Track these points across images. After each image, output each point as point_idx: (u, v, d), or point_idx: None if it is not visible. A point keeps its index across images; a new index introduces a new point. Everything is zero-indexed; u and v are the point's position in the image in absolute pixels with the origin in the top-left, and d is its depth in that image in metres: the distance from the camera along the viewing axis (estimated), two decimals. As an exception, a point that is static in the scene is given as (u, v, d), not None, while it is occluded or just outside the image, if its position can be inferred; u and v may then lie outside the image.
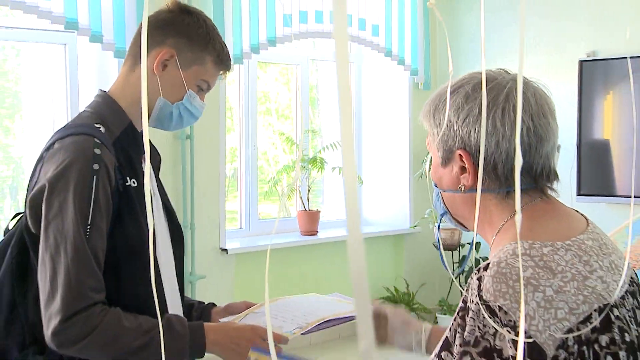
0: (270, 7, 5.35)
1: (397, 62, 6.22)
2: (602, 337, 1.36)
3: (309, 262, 5.82)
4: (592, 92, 5.66)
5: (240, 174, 5.82)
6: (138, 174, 1.97)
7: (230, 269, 5.36)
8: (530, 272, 1.35)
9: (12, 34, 4.65)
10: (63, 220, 1.81)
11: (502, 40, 6.11)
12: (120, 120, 1.99)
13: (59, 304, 1.78)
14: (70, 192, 1.82)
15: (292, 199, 6.21)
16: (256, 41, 5.29)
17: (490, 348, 1.33)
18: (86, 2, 4.43)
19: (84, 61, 4.78)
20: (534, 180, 1.50)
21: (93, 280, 1.81)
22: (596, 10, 5.69)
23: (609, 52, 5.62)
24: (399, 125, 6.49)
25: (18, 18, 4.51)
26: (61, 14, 4.31)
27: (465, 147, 1.51)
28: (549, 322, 1.31)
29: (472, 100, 1.50)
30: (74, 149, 1.85)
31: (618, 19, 5.58)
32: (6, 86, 4.89)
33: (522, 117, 1.47)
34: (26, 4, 4.17)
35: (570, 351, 1.32)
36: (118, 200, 1.89)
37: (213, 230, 5.27)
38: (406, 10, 6.25)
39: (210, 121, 5.14)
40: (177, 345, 1.87)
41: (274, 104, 6.36)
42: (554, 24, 5.88)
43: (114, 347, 1.82)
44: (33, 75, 4.87)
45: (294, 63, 6.13)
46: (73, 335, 1.79)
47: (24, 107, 4.90)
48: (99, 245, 1.84)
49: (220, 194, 5.30)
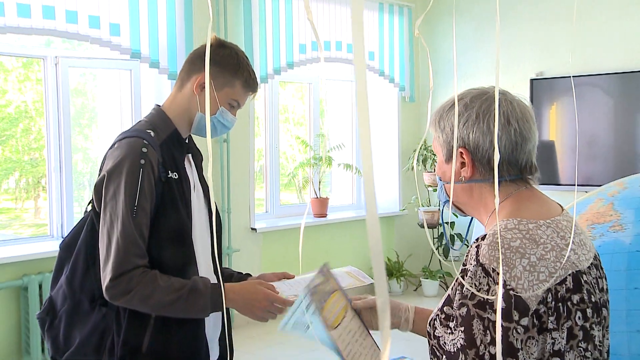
0: (289, 38, 5.53)
1: (388, 80, 6.37)
2: (574, 296, 1.35)
3: (320, 239, 5.95)
4: (541, 103, 5.80)
5: (266, 169, 5.96)
6: (179, 169, 1.96)
7: (259, 243, 5.55)
8: (519, 243, 1.34)
9: (91, 63, 4.88)
10: (116, 203, 1.84)
11: (470, 63, 6.28)
12: (167, 127, 1.99)
13: (110, 266, 1.81)
14: (122, 181, 1.84)
15: (306, 188, 6.42)
16: (278, 65, 5.48)
17: (483, 301, 1.32)
18: (147, 37, 4.66)
19: (145, 82, 5.00)
20: (520, 171, 1.48)
21: (136, 249, 1.83)
22: (542, 41, 5.86)
23: (553, 73, 5.81)
24: (390, 130, 6.62)
25: (96, 50, 4.74)
26: (128, 47, 4.57)
27: (465, 146, 1.48)
28: (532, 282, 1.30)
29: (470, 108, 1.48)
30: (127, 147, 1.88)
31: (559, 47, 5.77)
32: (85, 103, 5.05)
33: (510, 121, 1.45)
34: (102, 39, 4.45)
35: (549, 306, 1.32)
36: (161, 188, 1.89)
37: (245, 213, 5.45)
38: (395, 40, 6.40)
39: (242, 128, 5.36)
40: (200, 300, 1.85)
41: (292, 114, 6.49)
42: (510, 50, 6.02)
43: (150, 300, 1.82)
44: (106, 94, 5.08)
45: (307, 82, 6.27)
46: (120, 290, 1.81)
47: (99, 119, 5.09)
48: (144, 222, 1.85)
49: (250, 185, 5.48)
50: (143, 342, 1.89)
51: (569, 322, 1.34)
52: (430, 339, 1.46)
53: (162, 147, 1.93)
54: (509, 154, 1.46)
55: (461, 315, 1.35)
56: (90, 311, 1.93)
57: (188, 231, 1.94)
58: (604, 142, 5.55)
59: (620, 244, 2.01)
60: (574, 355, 1.35)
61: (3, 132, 4.91)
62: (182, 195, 1.94)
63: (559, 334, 1.33)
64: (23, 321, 4.34)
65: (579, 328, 1.36)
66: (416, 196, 6.49)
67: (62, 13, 4.25)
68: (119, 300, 1.83)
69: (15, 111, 4.97)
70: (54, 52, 4.66)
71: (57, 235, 4.68)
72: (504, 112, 1.46)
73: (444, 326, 1.41)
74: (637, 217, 2.04)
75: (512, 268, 1.32)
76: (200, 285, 1.87)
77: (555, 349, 1.33)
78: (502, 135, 1.45)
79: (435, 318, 1.45)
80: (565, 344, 1.34)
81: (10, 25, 4.04)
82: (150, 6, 4.68)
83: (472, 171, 1.49)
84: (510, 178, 1.47)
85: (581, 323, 1.36)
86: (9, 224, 5.46)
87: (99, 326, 1.93)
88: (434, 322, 1.45)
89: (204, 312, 1.89)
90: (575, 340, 1.35)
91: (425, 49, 6.73)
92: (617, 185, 2.23)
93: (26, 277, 4.29)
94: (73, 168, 4.72)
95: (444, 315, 1.42)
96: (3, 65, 4.86)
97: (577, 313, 1.36)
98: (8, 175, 5.23)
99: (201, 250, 2.02)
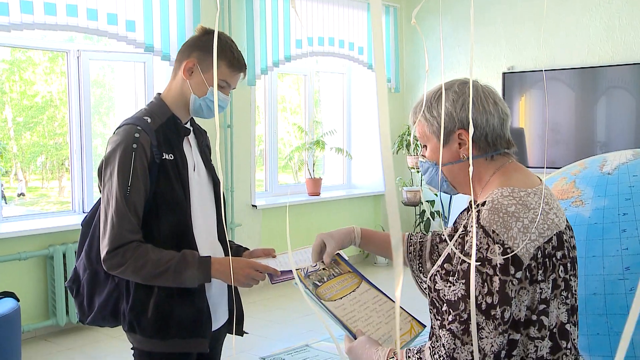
0: (287, 34, 5.53)
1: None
2: (558, 252, 1.40)
3: (314, 215, 5.99)
4: (512, 95, 5.84)
5: (265, 152, 5.97)
6: (174, 150, 1.93)
7: (258, 219, 5.57)
8: (514, 208, 1.37)
9: (109, 56, 4.89)
10: (112, 184, 1.84)
11: (448, 58, 6.30)
12: (164, 113, 1.95)
13: (106, 241, 1.82)
14: (116, 164, 1.84)
15: (301, 170, 6.45)
16: (277, 58, 5.48)
17: (483, 257, 1.34)
18: (159, 32, 4.66)
19: (157, 74, 5.00)
20: (507, 145, 1.51)
21: (130, 225, 1.82)
22: (513, 39, 5.89)
23: (523, 67, 5.84)
24: (377, 118, 6.65)
25: (113, 45, 4.76)
26: (142, 41, 4.57)
27: (464, 127, 1.48)
28: (525, 242, 1.35)
29: (461, 94, 1.49)
30: (122, 134, 1.87)
31: (528, 43, 5.80)
32: (103, 93, 5.07)
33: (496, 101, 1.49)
34: (119, 35, 4.44)
35: (538, 261, 1.36)
36: (157, 169, 1.87)
37: (246, 192, 5.47)
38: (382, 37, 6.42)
39: (244, 116, 5.37)
40: (187, 271, 1.84)
41: (289, 104, 6.54)
42: (485, 47, 6.05)
43: (142, 271, 1.82)
44: (122, 84, 5.09)
45: (303, 74, 6.27)
46: (114, 263, 1.81)
47: (116, 107, 5.11)
48: (137, 201, 1.84)
49: (251, 167, 5.50)
50: (148, 308, 1.89)
51: (553, 275, 1.39)
52: (430, 292, 1.48)
53: (158, 132, 1.90)
54: (499, 130, 1.49)
55: (462, 270, 1.38)
56: (106, 280, 1.95)
57: (183, 207, 1.91)
58: (567, 130, 5.60)
59: (580, 217, 2.05)
60: (557, 302, 1.41)
61: (31, 119, 4.92)
62: (177, 174, 1.91)
63: (545, 284, 1.38)
64: (49, 287, 4.37)
65: (561, 279, 1.41)
66: (400, 177, 6.53)
67: (83, 11, 4.24)
68: (115, 271, 1.83)
69: (42, 100, 4.97)
70: (77, 46, 4.65)
71: (79, 210, 4.69)
72: (489, 93, 1.50)
73: (444, 280, 1.43)
74: (595, 193, 2.08)
75: (509, 230, 1.35)
76: (188, 258, 1.85)
77: (542, 298, 1.38)
78: (495, 113, 1.47)
79: (435, 274, 1.47)
80: (550, 293, 1.39)
81: (37, 22, 4.04)
82: (162, 5, 4.68)
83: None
84: (501, 152, 1.50)
85: (563, 275, 1.41)
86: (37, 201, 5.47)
87: (113, 293, 1.94)
88: (434, 277, 1.47)
89: (192, 283, 1.87)
90: (559, 290, 1.41)
91: (410, 45, 6.73)
92: (578, 165, 2.27)
93: (52, 247, 4.31)
94: (93, 151, 4.72)
95: (444, 271, 1.44)
96: (32, 59, 4.85)
97: (560, 267, 1.40)
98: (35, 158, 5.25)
99: (203, 224, 2.00)
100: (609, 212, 2.01)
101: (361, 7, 6.20)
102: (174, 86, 1.98)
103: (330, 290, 1.69)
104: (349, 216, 6.31)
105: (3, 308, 3.24)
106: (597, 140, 5.51)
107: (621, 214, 1.98)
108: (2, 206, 4.40)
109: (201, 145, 2.09)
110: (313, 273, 1.73)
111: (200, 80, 1.94)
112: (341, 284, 1.74)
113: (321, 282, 1.71)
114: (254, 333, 4.18)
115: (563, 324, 1.41)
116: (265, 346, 4.12)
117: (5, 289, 3.72)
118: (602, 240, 1.99)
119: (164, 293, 1.89)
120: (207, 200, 2.04)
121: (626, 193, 2.01)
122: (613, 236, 1.98)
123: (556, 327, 1.41)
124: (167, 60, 4.73)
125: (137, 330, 1.90)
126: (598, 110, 5.49)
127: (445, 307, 1.40)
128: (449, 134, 1.50)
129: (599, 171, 2.15)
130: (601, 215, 2.02)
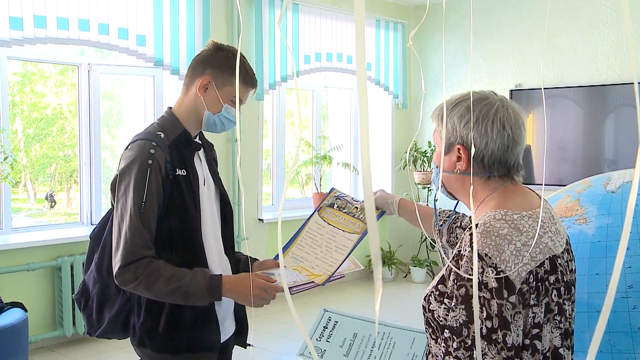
0: (295, 49, 5.60)
1: (383, 89, 6.42)
2: (551, 277, 1.40)
3: None
4: None
5: (272, 167, 6.01)
6: (187, 166, 1.93)
7: (265, 233, 5.59)
8: (507, 231, 1.38)
9: (119, 70, 4.95)
10: (126, 199, 1.84)
11: (456, 75, 6.35)
12: (176, 128, 1.96)
13: (119, 256, 1.82)
14: (132, 179, 1.84)
15: (308, 184, 6.46)
16: (285, 73, 5.53)
17: (479, 282, 1.35)
18: (169, 47, 4.72)
19: (166, 88, 5.05)
20: (507, 170, 1.51)
21: (143, 241, 1.82)
22: (520, 54, 5.92)
23: (530, 84, 5.87)
24: (384, 133, 6.66)
25: (123, 59, 4.81)
26: (152, 55, 4.63)
27: (463, 144, 1.50)
28: (517, 265, 1.35)
29: (468, 112, 1.50)
30: (137, 149, 1.87)
31: (535, 62, 5.82)
32: (112, 106, 5.11)
33: (505, 127, 1.47)
34: (129, 49, 4.51)
35: (530, 285, 1.36)
36: (170, 185, 1.88)
37: (253, 206, 5.50)
38: (390, 53, 6.44)
39: (251, 130, 5.41)
40: (198, 290, 1.84)
41: (296, 118, 6.57)
42: (493, 63, 6.08)
43: (154, 288, 1.82)
44: (132, 97, 5.14)
45: (311, 89, 6.32)
46: (127, 278, 1.81)
47: (125, 120, 5.16)
48: (151, 217, 1.84)
49: (258, 181, 5.53)
50: (160, 324, 1.89)
51: (546, 299, 1.39)
52: (425, 312, 1.49)
53: (171, 147, 1.91)
54: (500, 155, 1.48)
55: (461, 295, 1.38)
56: (117, 294, 1.95)
57: (195, 221, 1.93)
58: (574, 147, 5.61)
59: (584, 235, 2.06)
60: (550, 327, 1.41)
61: (41, 131, 4.98)
62: (190, 189, 1.92)
63: (538, 309, 1.38)
64: (57, 297, 4.40)
65: (555, 304, 1.41)
66: (407, 193, 6.54)
67: (95, 25, 4.31)
68: (127, 286, 1.83)
69: (52, 113, 5.03)
70: (87, 60, 4.71)
71: (87, 222, 4.74)
72: (501, 118, 1.47)
73: (438, 302, 1.44)
74: (599, 211, 2.10)
75: (502, 253, 1.35)
76: (199, 276, 1.85)
77: (535, 322, 1.38)
78: (497, 138, 1.46)
79: (429, 294, 1.47)
80: (543, 317, 1.39)
81: (50, 36, 4.11)
82: (173, 20, 4.74)
83: (467, 166, 1.51)
84: (498, 175, 1.50)
85: (556, 299, 1.41)
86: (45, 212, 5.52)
87: (124, 308, 1.95)
88: (428, 297, 1.47)
89: (202, 301, 1.87)
90: (552, 314, 1.41)
91: (417, 61, 6.76)
92: (583, 184, 2.28)
93: (60, 259, 4.35)
94: (102, 163, 4.76)
95: (437, 292, 1.45)
96: (43, 72, 4.92)
97: (553, 291, 1.40)
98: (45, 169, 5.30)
99: (212, 237, 2.01)
100: (613, 230, 2.02)
101: (369, 24, 6.25)
102: (186, 101, 1.99)
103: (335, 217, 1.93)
104: (355, 231, 6.31)
105: (11, 318, 3.27)
106: (605, 158, 5.52)
107: (624, 232, 2.00)
108: (11, 217, 4.44)
109: (209, 158, 2.10)
110: (343, 198, 2.02)
111: (215, 97, 1.96)
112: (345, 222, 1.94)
113: (338, 208, 1.97)
114: (259, 346, 4.20)
115: (557, 348, 1.41)
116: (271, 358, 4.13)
117: (13, 299, 3.76)
118: (606, 258, 2.00)
119: (176, 308, 1.90)
120: (215, 214, 2.05)
121: (629, 211, 2.03)
122: (616, 254, 1.98)
123: (549, 352, 1.41)
124: (177, 75, 4.78)
125: (147, 345, 1.91)
126: (606, 128, 5.50)
127: (448, 334, 1.40)
128: (450, 145, 1.52)
129: (603, 189, 2.17)
130: (605, 234, 2.03)
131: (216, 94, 1.95)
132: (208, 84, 1.95)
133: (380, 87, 6.40)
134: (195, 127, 2.01)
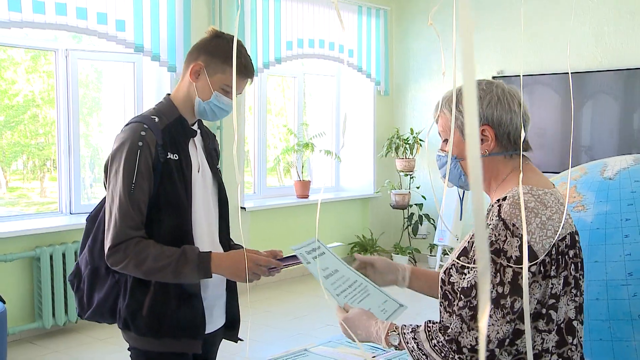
0: (277, 36, 5.51)
1: (365, 75, 6.37)
2: (570, 251, 1.46)
3: (302, 217, 5.96)
4: None
5: (254, 155, 5.94)
6: (180, 151, 1.93)
7: (247, 221, 5.56)
8: (533, 204, 1.42)
9: (98, 56, 4.82)
10: (116, 181, 1.85)
11: (438, 61, 6.34)
12: (172, 113, 1.96)
13: (109, 237, 1.84)
14: (122, 161, 1.85)
15: (288, 172, 6.39)
16: (267, 60, 5.46)
17: (499, 249, 1.39)
18: (149, 32, 4.60)
19: (147, 74, 4.95)
20: (526, 147, 1.56)
21: (132, 222, 1.83)
22: (502, 41, 5.93)
23: (511, 71, 5.89)
24: (366, 120, 6.62)
25: (101, 44, 4.68)
26: (132, 41, 4.51)
27: (489, 123, 1.51)
28: (542, 237, 1.40)
29: (488, 92, 1.51)
30: (129, 132, 1.88)
31: (517, 49, 5.84)
32: (87, 93, 4.98)
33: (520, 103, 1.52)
34: (108, 34, 4.39)
35: (552, 258, 1.42)
36: (161, 168, 1.87)
37: (236, 194, 5.31)
38: (372, 39, 6.40)
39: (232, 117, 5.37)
40: (187, 267, 1.83)
41: (273, 106, 6.44)
42: (475, 51, 6.09)
43: (143, 266, 1.82)
44: (110, 85, 5.00)
45: (292, 76, 6.26)
46: (117, 258, 1.83)
47: (103, 108, 5.04)
48: (141, 198, 1.85)
49: (240, 169, 5.46)
50: (144, 306, 1.89)
51: (565, 272, 1.45)
52: (444, 285, 1.53)
53: (164, 131, 1.91)
54: (521, 130, 1.53)
55: None
56: (106, 276, 1.95)
57: (184, 207, 1.91)
58: (552, 134, 5.65)
59: (582, 222, 2.05)
60: (567, 299, 1.46)
61: (13, 118, 4.84)
62: (181, 174, 1.91)
63: (557, 280, 1.44)
64: (35, 289, 4.29)
65: (572, 277, 1.47)
66: (389, 180, 6.52)
67: (73, 9, 4.19)
68: (117, 266, 1.85)
69: (23, 100, 4.89)
70: (65, 45, 4.58)
71: (66, 212, 4.62)
72: (514, 95, 1.53)
73: (460, 273, 1.49)
74: (597, 198, 2.08)
75: (529, 224, 1.40)
76: (188, 253, 1.85)
77: (552, 292, 1.44)
78: (519, 114, 1.52)
79: (450, 267, 1.52)
80: (561, 289, 1.45)
81: (26, 20, 3.98)
82: (153, 4, 4.63)
83: (494, 145, 1.53)
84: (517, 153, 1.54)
85: (574, 273, 1.47)
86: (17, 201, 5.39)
87: (112, 291, 1.95)
88: (449, 270, 1.52)
89: (193, 278, 1.87)
90: (569, 287, 1.46)
91: (399, 48, 6.73)
92: (579, 170, 2.27)
93: (38, 249, 4.24)
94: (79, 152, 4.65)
95: (459, 265, 1.50)
96: (12, 58, 4.78)
97: (572, 265, 1.46)
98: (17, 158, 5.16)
99: (205, 225, 2.00)
100: (612, 218, 2.01)
101: (351, 10, 6.20)
102: (181, 88, 1.99)
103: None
104: (337, 219, 6.30)
105: (-10, 311, 3.18)
106: (582, 145, 5.56)
107: (624, 219, 1.99)
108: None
109: (208, 148, 2.08)
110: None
111: (206, 83, 1.94)
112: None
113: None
114: (251, 337, 4.15)
115: (570, 320, 1.47)
116: (264, 350, 4.09)
117: (-9, 291, 3.65)
118: (605, 245, 2.00)
119: (161, 292, 1.89)
120: (210, 203, 2.04)
121: (628, 198, 2.02)
122: (616, 241, 1.99)
123: (564, 323, 1.46)
124: (157, 61, 4.68)
125: (131, 327, 1.91)
126: (583, 115, 5.53)
127: (459, 295, 1.45)
128: None
129: (599, 176, 2.15)
130: (603, 221, 2.02)
131: (207, 80, 1.94)
132: (200, 70, 1.94)
133: (362, 74, 6.36)
134: (191, 113, 1.99)
